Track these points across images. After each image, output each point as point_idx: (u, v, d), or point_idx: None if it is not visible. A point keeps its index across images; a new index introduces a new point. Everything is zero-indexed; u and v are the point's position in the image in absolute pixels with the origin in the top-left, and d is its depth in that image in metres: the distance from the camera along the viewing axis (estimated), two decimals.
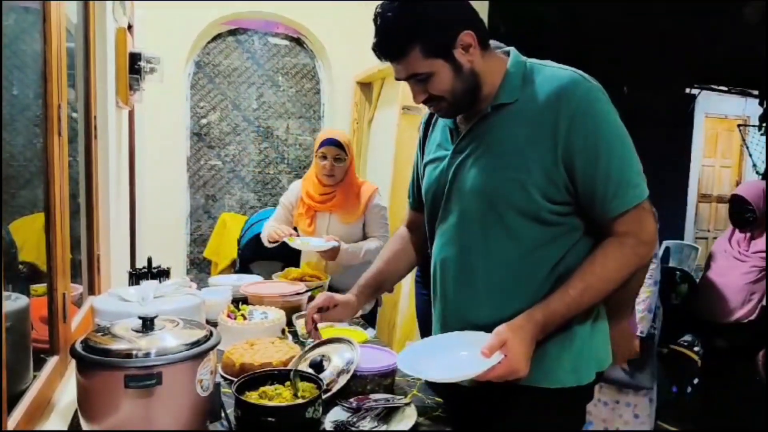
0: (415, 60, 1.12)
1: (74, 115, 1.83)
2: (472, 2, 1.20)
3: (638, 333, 2.11)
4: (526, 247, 1.16)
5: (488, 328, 1.13)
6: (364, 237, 2.51)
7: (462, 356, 1.13)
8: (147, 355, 1.04)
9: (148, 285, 1.51)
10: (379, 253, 1.56)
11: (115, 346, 1.05)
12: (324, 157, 2.42)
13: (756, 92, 6.21)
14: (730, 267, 2.79)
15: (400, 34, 1.11)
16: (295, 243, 2.33)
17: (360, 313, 2.09)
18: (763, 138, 6.34)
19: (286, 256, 3.90)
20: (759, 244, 2.75)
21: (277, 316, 1.79)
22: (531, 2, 4.27)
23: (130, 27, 2.56)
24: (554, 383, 1.16)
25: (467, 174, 1.20)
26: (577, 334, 1.18)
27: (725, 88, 6.85)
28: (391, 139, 3.49)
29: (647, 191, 1.14)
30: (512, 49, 1.22)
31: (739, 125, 7.38)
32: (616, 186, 1.11)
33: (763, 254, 2.69)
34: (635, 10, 4.19)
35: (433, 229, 1.32)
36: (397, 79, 1.19)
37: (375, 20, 1.14)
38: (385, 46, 1.14)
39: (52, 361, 1.30)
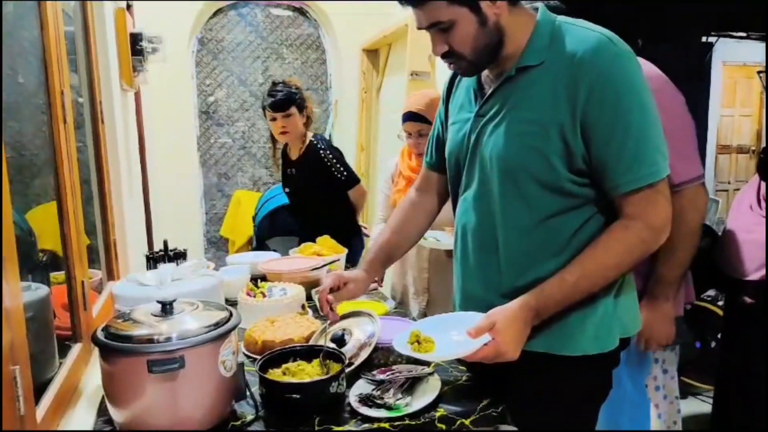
0: (439, 6, 1.06)
1: (80, 100, 1.81)
2: None
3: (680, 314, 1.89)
4: (544, 216, 1.12)
5: (507, 296, 1.12)
6: None
7: (453, 336, 1.12)
8: (168, 339, 1.03)
9: (166, 268, 1.51)
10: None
11: (136, 331, 1.05)
12: (408, 135, 2.13)
13: None
14: (757, 224, 2.67)
15: None
16: (425, 242, 1.94)
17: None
18: None
19: (302, 232, 3.91)
20: None
21: (296, 291, 1.79)
22: None
23: (129, 7, 2.52)
24: (576, 351, 1.14)
25: (488, 139, 1.15)
26: (600, 303, 1.14)
27: (744, 34, 6.62)
28: (401, 106, 3.42)
29: (666, 171, 1.07)
30: (541, 6, 1.15)
31: (759, 72, 7.16)
32: (629, 161, 1.04)
33: None
34: None
35: (456, 193, 1.29)
36: (419, 27, 1.12)
37: None
38: None
39: (76, 349, 1.31)
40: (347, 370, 1.24)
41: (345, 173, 2.65)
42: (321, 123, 4.49)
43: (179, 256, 1.81)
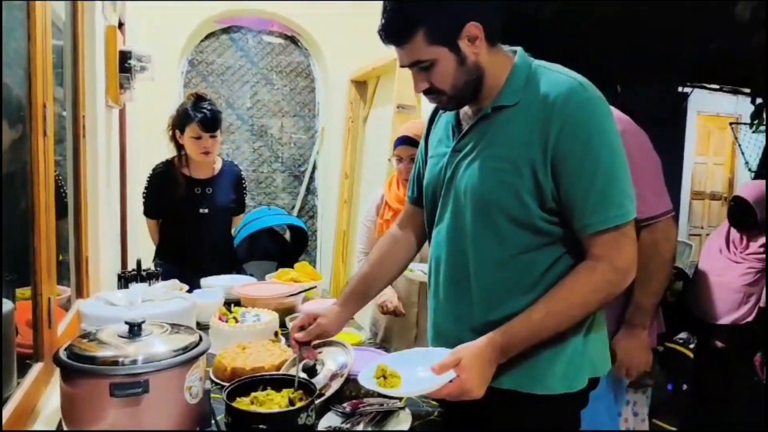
0: (419, 46, 1.10)
1: (63, 113, 1.80)
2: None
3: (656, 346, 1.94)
4: (515, 251, 1.13)
5: (478, 331, 1.11)
6: None
7: (419, 372, 1.11)
8: (133, 362, 1.01)
9: (137, 288, 1.48)
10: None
11: (101, 353, 1.03)
12: (399, 159, 2.08)
13: (747, 90, 6.21)
14: (726, 268, 2.70)
15: (406, 18, 1.09)
16: (411, 274, 1.92)
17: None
18: (755, 136, 6.34)
19: (280, 256, 3.87)
20: (756, 244, 2.67)
21: (270, 318, 1.76)
22: (524, 0, 4.24)
23: (121, 25, 2.52)
24: (544, 389, 1.13)
25: (463, 174, 1.17)
26: (570, 341, 1.14)
27: (717, 87, 6.85)
28: (386, 137, 3.46)
29: (632, 214, 1.09)
30: (519, 49, 1.19)
31: (731, 123, 7.39)
32: (597, 202, 1.06)
33: (760, 255, 2.61)
34: (627, 9, 4.17)
35: (431, 226, 1.30)
36: (401, 65, 1.16)
37: (384, 4, 1.12)
38: (390, 30, 1.11)
39: (37, 368, 1.27)
40: (317, 401, 1.22)
41: (245, 194, 2.69)
42: (307, 149, 4.50)
43: (152, 276, 1.78)
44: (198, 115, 2.31)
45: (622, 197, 1.08)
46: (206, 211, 2.44)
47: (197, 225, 2.43)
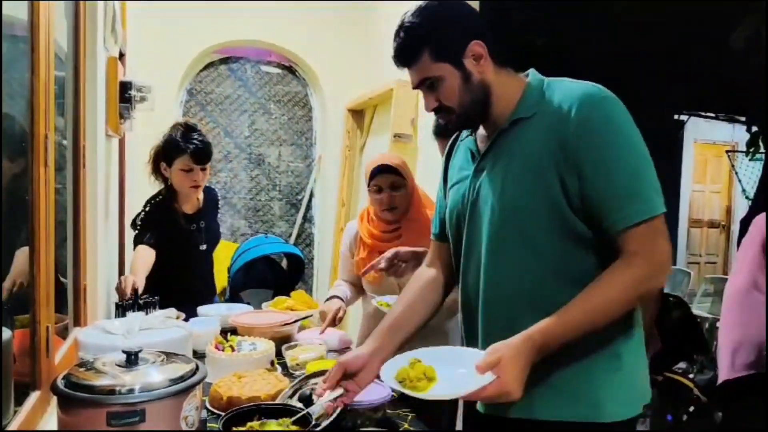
0: (426, 63, 1.16)
1: (64, 142, 1.82)
2: None
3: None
4: (553, 262, 1.12)
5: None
6: None
7: (456, 370, 1.04)
8: (130, 391, 1.01)
9: (134, 317, 1.49)
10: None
11: (98, 381, 1.03)
12: (379, 190, 1.96)
13: (743, 118, 6.30)
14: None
15: (413, 39, 1.17)
16: (388, 309, 1.77)
17: None
18: (752, 163, 6.39)
19: (276, 284, 3.87)
20: None
21: (266, 347, 1.76)
22: (520, 28, 4.33)
23: (121, 55, 2.57)
24: (604, 416, 1.10)
25: (488, 191, 1.18)
26: (624, 361, 1.12)
27: (713, 115, 6.94)
28: None
29: (662, 208, 1.07)
30: (531, 70, 1.24)
31: (727, 151, 7.47)
32: (623, 197, 1.06)
33: None
34: (623, 37, 4.26)
35: (458, 253, 1.27)
36: (414, 87, 1.22)
37: (396, 31, 1.20)
38: (400, 52, 1.20)
39: (34, 396, 1.27)
40: (314, 431, 1.22)
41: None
42: (304, 177, 4.54)
43: (149, 305, 1.78)
44: (189, 147, 2.20)
45: (649, 191, 1.07)
46: (204, 247, 2.39)
47: (197, 262, 2.37)
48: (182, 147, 2.21)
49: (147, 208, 2.33)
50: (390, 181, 1.95)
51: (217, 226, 2.52)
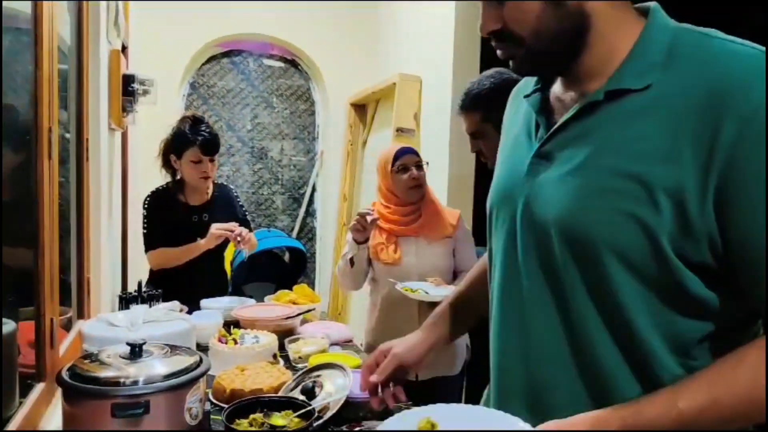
0: None
1: (67, 135, 1.83)
2: None
3: None
4: (632, 323, 0.72)
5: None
6: (455, 265, 2.12)
7: None
8: (134, 382, 1.02)
9: (138, 310, 1.50)
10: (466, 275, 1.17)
11: (102, 373, 1.04)
12: (405, 169, 2.06)
13: None
14: None
15: None
16: (414, 294, 1.87)
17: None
18: None
19: (279, 278, 3.88)
20: None
21: (269, 340, 1.77)
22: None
23: (124, 48, 2.57)
24: None
25: (551, 195, 0.77)
26: None
27: None
28: None
29: None
30: (654, 5, 0.77)
31: None
32: None
33: None
34: None
35: (491, 252, 0.93)
36: None
37: None
38: None
39: (39, 388, 1.28)
40: (316, 423, 1.23)
41: (246, 213, 2.55)
42: (307, 172, 4.54)
43: (153, 297, 1.79)
44: (198, 139, 2.23)
45: None
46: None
47: (202, 255, 2.34)
48: (191, 139, 2.23)
49: (148, 201, 2.35)
50: (415, 160, 2.09)
51: (229, 217, 2.41)
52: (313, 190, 4.56)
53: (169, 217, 2.33)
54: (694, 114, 0.67)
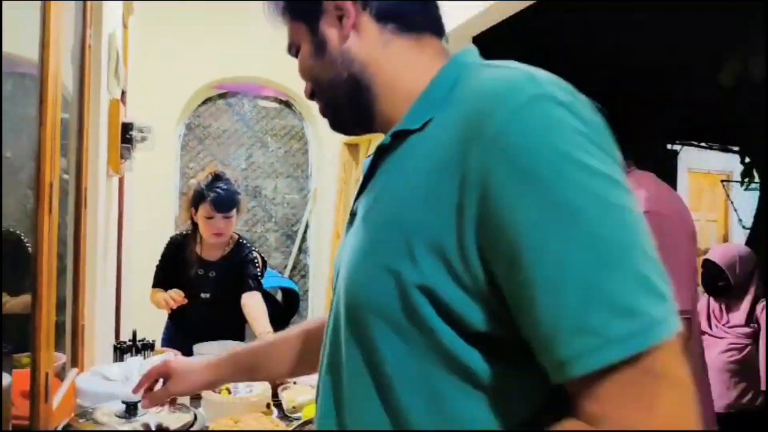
0: (284, 22, 0.77)
1: (65, 176, 1.85)
2: None
3: None
4: (407, 398, 0.60)
5: None
6: None
7: None
8: None
9: (132, 362, 1.51)
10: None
11: None
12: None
13: (736, 148, 6.40)
14: (708, 347, 2.34)
15: None
16: None
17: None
18: (747, 193, 6.46)
19: (271, 318, 3.87)
20: (736, 316, 2.49)
21: (263, 389, 1.77)
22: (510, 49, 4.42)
23: (123, 94, 2.62)
24: None
25: (344, 254, 0.69)
26: None
27: (706, 144, 7.04)
28: None
29: (671, 326, 0.50)
30: (469, 47, 0.72)
31: (722, 181, 7.55)
32: (575, 314, 0.49)
33: (742, 330, 2.42)
34: (614, 67, 4.35)
35: None
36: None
37: None
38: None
39: None
40: None
41: (261, 273, 2.50)
42: (300, 209, 4.57)
43: (147, 347, 1.80)
44: (210, 195, 2.22)
45: (632, 292, 0.49)
46: (207, 296, 2.34)
47: (199, 309, 2.32)
48: (205, 194, 2.24)
49: (168, 242, 2.43)
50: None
51: (239, 280, 2.36)
52: (306, 227, 4.59)
53: (179, 263, 2.36)
54: (452, 147, 0.57)
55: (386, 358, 0.60)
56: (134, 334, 1.83)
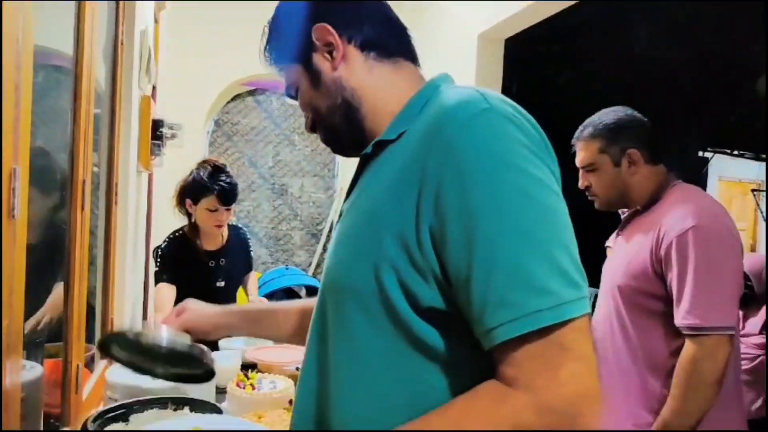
0: (282, 67, 0.89)
1: (95, 169, 1.89)
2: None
3: None
4: (375, 365, 0.71)
5: None
6: None
7: None
8: None
9: None
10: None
11: None
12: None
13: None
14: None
15: (266, 45, 0.90)
16: None
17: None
18: None
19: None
20: (752, 324, 2.45)
21: (286, 385, 1.78)
22: (542, 64, 4.37)
23: (153, 89, 2.66)
24: None
25: (330, 247, 0.81)
26: None
27: (737, 153, 6.89)
28: None
29: (580, 308, 0.61)
30: (443, 74, 0.84)
31: (753, 190, 7.38)
32: (500, 291, 0.61)
33: (757, 340, 2.38)
34: (647, 73, 4.29)
35: None
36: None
37: None
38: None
39: None
40: None
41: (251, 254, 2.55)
42: (325, 208, 4.60)
43: None
44: (216, 188, 2.18)
45: (550, 278, 0.61)
46: (222, 284, 2.34)
47: (213, 299, 2.35)
48: (209, 187, 2.20)
49: (167, 243, 2.35)
50: None
51: (244, 264, 2.46)
52: (332, 226, 4.61)
53: (186, 262, 2.32)
54: (415, 153, 0.69)
55: (358, 335, 0.71)
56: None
